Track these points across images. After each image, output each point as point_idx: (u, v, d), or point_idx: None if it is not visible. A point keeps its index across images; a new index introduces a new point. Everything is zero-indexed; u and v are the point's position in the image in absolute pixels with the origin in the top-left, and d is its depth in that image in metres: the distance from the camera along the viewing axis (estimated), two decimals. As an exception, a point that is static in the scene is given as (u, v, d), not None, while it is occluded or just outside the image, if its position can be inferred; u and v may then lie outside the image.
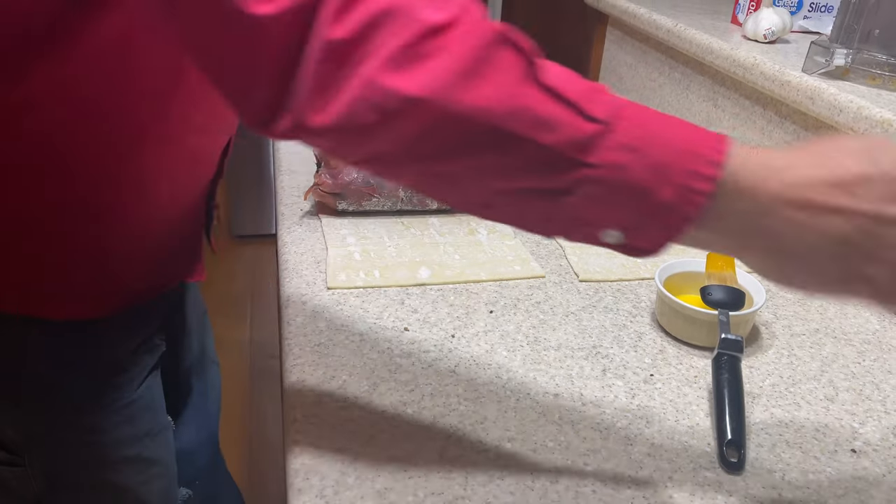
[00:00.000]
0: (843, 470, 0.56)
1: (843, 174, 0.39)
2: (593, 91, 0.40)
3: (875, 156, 0.39)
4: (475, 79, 0.38)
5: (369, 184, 0.87)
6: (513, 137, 0.39)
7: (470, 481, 0.53)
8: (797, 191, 0.39)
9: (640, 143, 0.39)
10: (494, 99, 0.38)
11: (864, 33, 0.86)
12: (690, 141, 0.40)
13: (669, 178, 0.39)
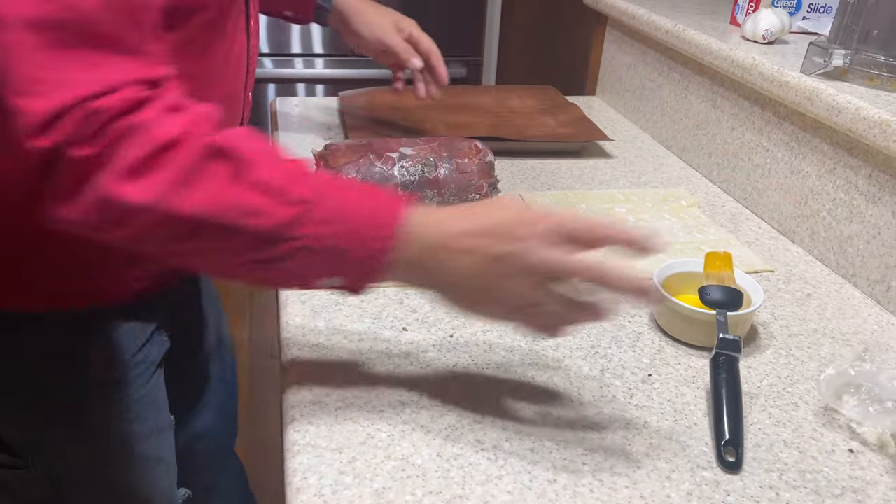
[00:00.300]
0: (841, 470, 0.57)
1: (476, 226, 0.52)
2: (299, 175, 0.52)
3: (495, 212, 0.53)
4: (188, 187, 0.48)
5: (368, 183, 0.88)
6: (228, 227, 0.49)
7: (468, 481, 0.53)
8: (449, 239, 0.52)
9: (336, 216, 0.51)
10: (205, 201, 0.49)
11: (863, 34, 0.86)
12: (378, 210, 0.52)
13: (361, 242, 0.51)
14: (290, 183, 0.50)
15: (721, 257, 0.73)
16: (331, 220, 0.51)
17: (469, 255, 0.51)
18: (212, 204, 0.49)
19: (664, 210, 0.97)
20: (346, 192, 0.52)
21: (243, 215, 0.49)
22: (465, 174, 0.90)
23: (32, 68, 0.46)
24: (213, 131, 0.51)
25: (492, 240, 0.51)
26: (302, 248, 0.50)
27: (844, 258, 0.84)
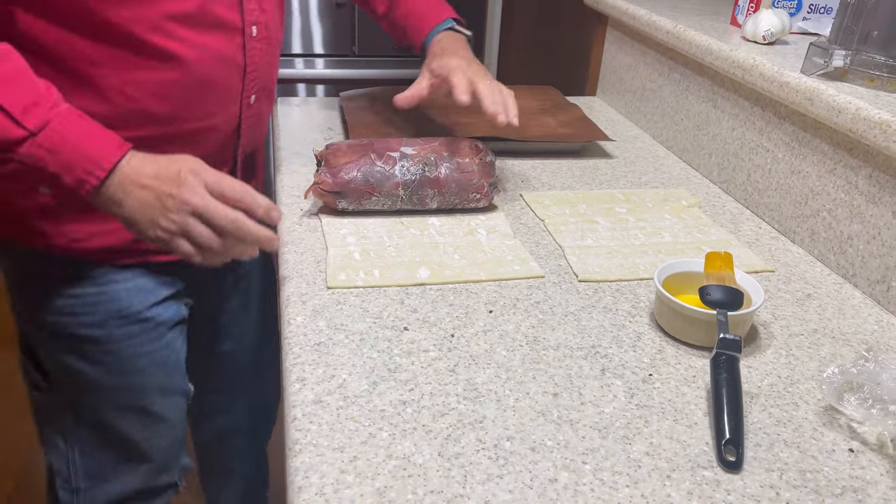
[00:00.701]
0: (841, 469, 0.57)
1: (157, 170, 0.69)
2: (33, 106, 0.65)
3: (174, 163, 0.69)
4: None
5: (369, 182, 0.88)
6: None
7: (469, 480, 0.53)
8: (135, 178, 0.68)
9: (54, 147, 0.65)
10: None
11: (863, 35, 0.86)
12: (96, 150, 0.67)
13: (71, 173, 0.66)
14: (25, 110, 0.64)
15: (721, 257, 0.73)
16: (53, 148, 0.65)
17: (146, 191, 0.68)
18: None
19: (665, 210, 0.97)
20: (74, 129, 0.67)
21: None
22: (466, 174, 0.90)
23: None
24: None
25: (164, 182, 0.68)
26: (20, 161, 0.65)
27: (845, 258, 0.85)
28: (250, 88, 0.85)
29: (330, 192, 0.88)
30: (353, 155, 0.89)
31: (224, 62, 0.80)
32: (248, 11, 0.80)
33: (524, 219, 0.94)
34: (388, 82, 2.29)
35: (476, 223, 0.91)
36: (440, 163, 0.90)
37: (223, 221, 0.68)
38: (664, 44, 1.19)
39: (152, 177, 0.69)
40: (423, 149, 0.91)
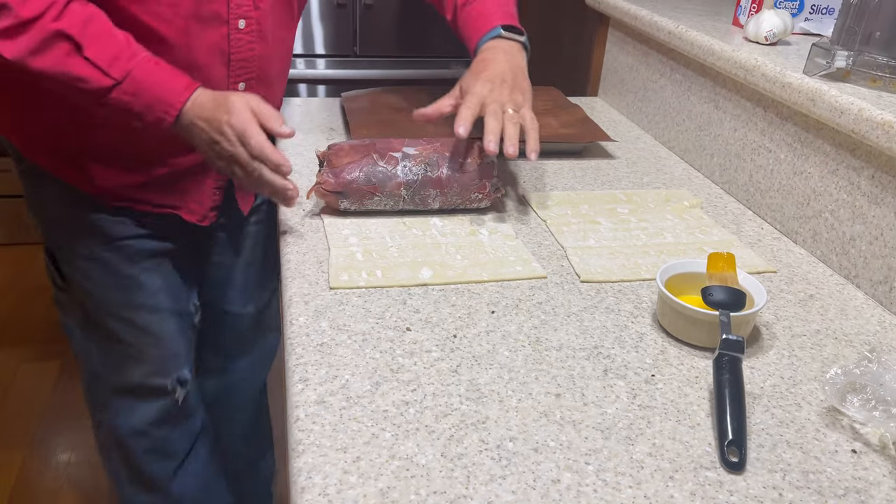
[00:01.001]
0: (844, 470, 0.57)
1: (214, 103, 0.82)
2: (115, 59, 0.79)
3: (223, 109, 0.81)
4: (38, 55, 0.77)
5: (371, 182, 0.88)
6: (66, 84, 0.80)
7: (472, 480, 0.53)
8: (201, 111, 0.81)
9: (135, 91, 0.80)
10: (50, 66, 0.78)
11: (865, 35, 0.86)
12: (166, 95, 0.81)
13: (150, 112, 0.81)
14: (110, 63, 0.79)
15: (724, 258, 0.73)
16: (133, 93, 0.80)
17: (205, 123, 0.82)
18: (53, 67, 0.78)
19: (666, 211, 0.97)
20: (151, 77, 0.81)
21: (75, 80, 0.79)
22: (468, 174, 0.90)
23: None
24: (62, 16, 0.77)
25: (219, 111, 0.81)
26: (113, 105, 0.81)
27: (847, 259, 0.85)
28: (236, 76, 0.93)
29: (332, 192, 0.88)
30: (356, 155, 0.89)
31: (207, 49, 0.89)
32: (236, 6, 0.89)
33: (526, 219, 0.94)
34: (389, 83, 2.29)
35: (478, 223, 0.91)
36: (442, 163, 0.90)
37: (253, 144, 0.80)
38: (666, 44, 1.19)
39: (211, 109, 0.82)
40: (424, 149, 0.91)
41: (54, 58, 0.78)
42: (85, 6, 0.80)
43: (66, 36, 0.78)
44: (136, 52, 0.81)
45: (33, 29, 0.76)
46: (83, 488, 1.68)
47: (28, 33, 0.76)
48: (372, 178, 0.88)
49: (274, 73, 0.99)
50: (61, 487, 1.68)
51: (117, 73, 0.79)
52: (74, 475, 1.71)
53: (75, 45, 0.78)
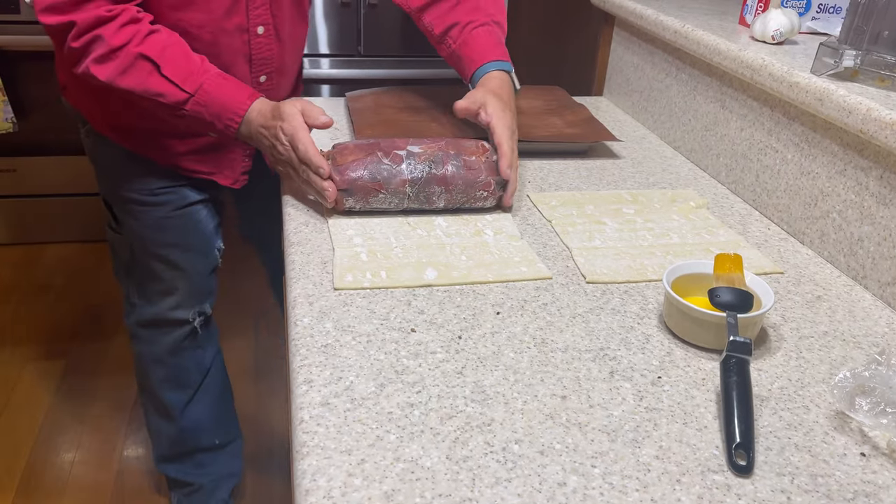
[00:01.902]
0: (853, 474, 0.56)
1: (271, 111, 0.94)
2: (189, 75, 0.94)
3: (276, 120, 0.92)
4: (125, 75, 0.94)
5: (376, 180, 0.87)
6: (148, 99, 0.95)
7: (477, 483, 0.53)
8: (260, 119, 0.94)
9: (206, 102, 0.95)
10: (135, 84, 0.94)
11: (874, 35, 0.86)
12: (231, 106, 0.95)
13: (219, 121, 0.96)
14: (184, 79, 0.94)
15: (731, 259, 0.73)
16: (204, 104, 0.95)
17: (264, 129, 0.94)
18: (138, 86, 0.94)
19: (672, 211, 0.97)
20: (219, 90, 0.95)
21: (155, 95, 0.94)
22: (473, 171, 0.90)
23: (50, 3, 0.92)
24: (144, 42, 0.93)
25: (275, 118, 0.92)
26: (188, 116, 0.96)
27: (855, 260, 0.84)
28: (258, 72, 1.11)
29: (338, 189, 0.88)
30: (361, 153, 0.89)
31: (233, 52, 1.06)
32: (255, 17, 1.05)
33: (531, 219, 0.94)
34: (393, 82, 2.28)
35: (483, 224, 0.90)
36: (447, 160, 0.90)
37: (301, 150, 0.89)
38: (672, 44, 1.19)
39: (269, 117, 0.93)
40: (429, 147, 0.91)
41: (138, 77, 0.93)
42: (165, 35, 0.95)
43: (146, 58, 0.93)
44: (207, 70, 0.95)
45: (121, 54, 0.92)
46: (87, 487, 1.68)
47: (117, 59, 0.93)
48: (377, 175, 0.87)
49: (289, 63, 1.17)
50: (66, 486, 1.68)
51: (190, 87, 0.94)
52: (79, 474, 1.71)
53: (155, 65, 0.93)
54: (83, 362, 2.08)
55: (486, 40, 1.07)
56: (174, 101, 0.94)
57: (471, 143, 0.93)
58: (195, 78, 0.94)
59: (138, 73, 0.93)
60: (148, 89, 0.94)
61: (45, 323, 2.24)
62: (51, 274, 2.50)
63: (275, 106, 0.93)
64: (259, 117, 0.94)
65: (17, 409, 1.90)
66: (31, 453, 1.76)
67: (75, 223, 2.67)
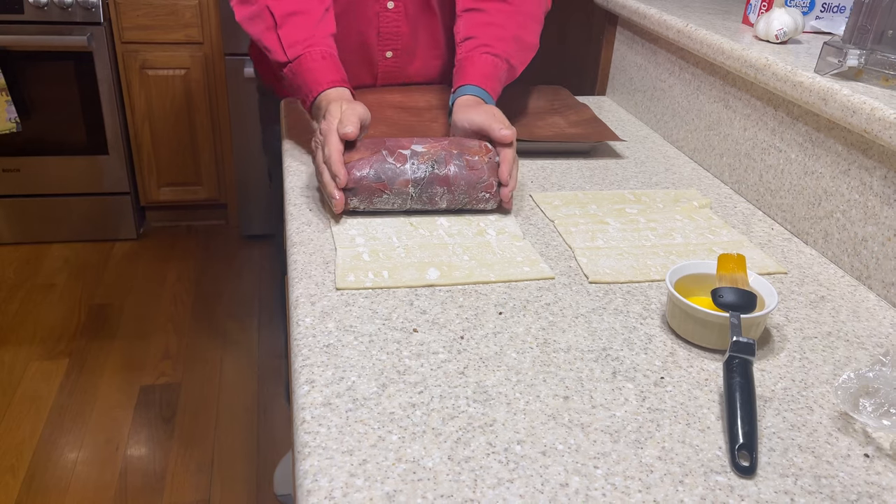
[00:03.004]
0: (856, 475, 0.56)
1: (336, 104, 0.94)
2: (296, 43, 1.01)
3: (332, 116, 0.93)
4: (252, 22, 1.06)
5: (380, 179, 0.87)
6: (260, 48, 1.07)
7: (479, 484, 0.53)
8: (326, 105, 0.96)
9: (297, 72, 1.01)
10: (255, 32, 1.06)
11: (878, 34, 0.85)
12: (313, 82, 1.00)
13: (300, 91, 1.02)
14: (290, 45, 1.01)
15: (734, 259, 0.73)
16: (296, 73, 1.02)
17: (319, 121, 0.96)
18: (256, 34, 1.05)
19: (676, 211, 0.97)
20: (312, 64, 1.01)
21: (266, 48, 1.05)
22: (475, 171, 0.90)
23: None
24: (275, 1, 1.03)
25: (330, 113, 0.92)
26: (284, 78, 1.04)
27: (859, 260, 0.84)
28: (384, 46, 1.22)
29: (343, 189, 0.88)
30: (366, 152, 0.89)
31: (364, 20, 1.18)
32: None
33: (534, 219, 0.93)
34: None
35: (485, 224, 0.90)
36: (449, 160, 0.89)
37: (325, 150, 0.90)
38: (675, 43, 1.18)
39: (324, 109, 0.95)
40: (433, 147, 0.91)
41: (259, 27, 1.05)
42: (299, 3, 1.04)
43: (271, 13, 1.03)
44: (315, 44, 1.02)
45: (257, 2, 1.04)
46: (91, 486, 1.68)
47: (252, 5, 1.05)
48: (381, 174, 0.87)
49: (420, 49, 1.25)
50: (69, 485, 1.68)
51: (292, 54, 1.01)
52: (82, 473, 1.72)
53: (275, 22, 1.03)
54: (87, 361, 2.09)
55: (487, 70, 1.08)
56: (275, 59, 1.03)
57: (474, 143, 0.93)
58: (300, 48, 1.01)
59: (260, 23, 1.04)
60: (262, 41, 1.04)
61: (48, 322, 2.24)
62: (54, 273, 2.50)
63: (335, 102, 0.96)
64: (326, 103, 0.97)
65: (20, 407, 1.90)
66: (34, 452, 1.76)
67: (79, 222, 2.68)
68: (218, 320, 2.32)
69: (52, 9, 2.33)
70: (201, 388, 2.01)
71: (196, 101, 2.60)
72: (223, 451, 1.81)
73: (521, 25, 1.11)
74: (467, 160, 0.90)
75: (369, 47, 1.21)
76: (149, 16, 2.44)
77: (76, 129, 2.52)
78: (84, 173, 2.59)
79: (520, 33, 1.11)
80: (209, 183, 2.75)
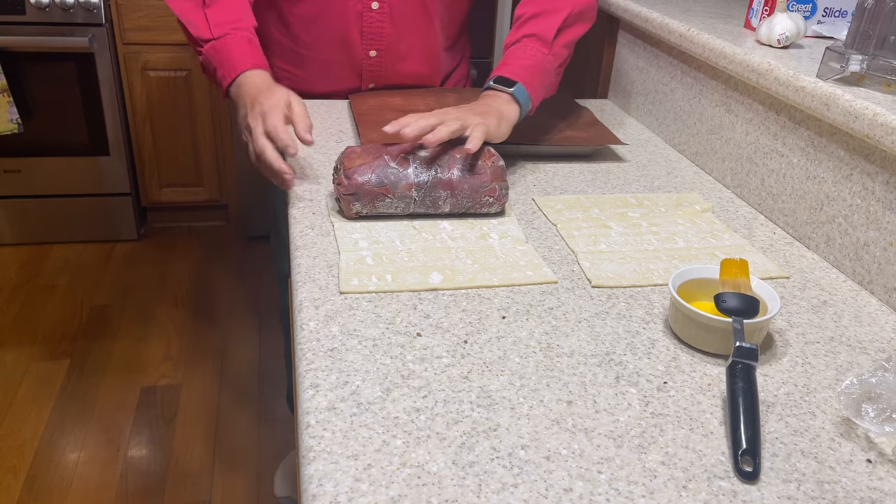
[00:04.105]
0: (859, 480, 0.56)
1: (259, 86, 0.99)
2: (222, 23, 1.02)
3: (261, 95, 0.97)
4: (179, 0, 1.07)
5: (382, 184, 0.88)
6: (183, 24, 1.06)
7: (483, 489, 0.53)
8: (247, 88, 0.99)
9: (216, 54, 1.02)
10: (179, 9, 1.06)
11: (880, 39, 0.85)
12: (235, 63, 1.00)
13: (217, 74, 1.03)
14: (217, 24, 1.01)
15: (737, 264, 0.73)
16: (218, 50, 1.01)
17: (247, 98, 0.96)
18: (180, 9, 1.05)
19: (678, 215, 0.97)
20: (236, 46, 1.01)
21: (188, 22, 1.04)
22: (479, 175, 0.90)
23: None
24: None
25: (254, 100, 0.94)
26: (202, 55, 1.04)
27: (861, 265, 0.84)
28: (367, 45, 1.22)
29: (346, 194, 0.88)
30: (368, 157, 0.89)
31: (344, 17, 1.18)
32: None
33: (536, 223, 0.94)
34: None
35: (488, 228, 0.90)
36: (452, 164, 0.90)
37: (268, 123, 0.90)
38: (677, 47, 1.19)
39: (259, 90, 0.95)
40: (436, 151, 0.91)
41: (186, 5, 1.04)
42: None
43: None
44: (241, 28, 1.02)
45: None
46: (92, 487, 1.68)
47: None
48: (384, 179, 0.88)
49: (405, 50, 1.24)
50: (70, 486, 1.68)
51: (217, 32, 1.02)
52: (83, 474, 1.72)
53: (203, 1, 1.04)
54: (88, 362, 2.09)
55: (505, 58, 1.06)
56: (198, 35, 1.03)
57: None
58: (227, 27, 1.02)
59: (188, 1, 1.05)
60: (185, 15, 1.04)
61: (49, 323, 2.24)
62: (55, 274, 2.50)
63: (272, 84, 0.97)
64: (249, 87, 0.97)
65: (21, 408, 1.90)
66: (35, 453, 1.76)
67: (80, 223, 2.68)
68: (219, 321, 2.32)
69: (54, 10, 2.34)
70: (202, 390, 2.01)
71: (197, 102, 2.60)
72: (224, 452, 1.81)
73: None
74: (470, 164, 0.90)
75: (351, 46, 1.21)
76: (150, 17, 2.44)
77: (77, 130, 2.52)
78: (85, 174, 2.60)
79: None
80: (210, 184, 2.76)
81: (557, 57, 1.08)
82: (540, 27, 1.07)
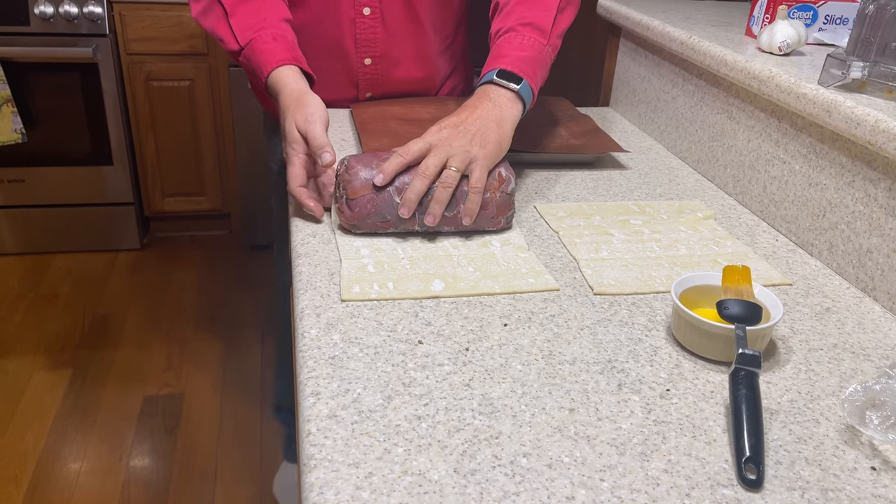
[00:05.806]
0: (863, 488, 0.56)
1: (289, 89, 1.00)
2: (247, 29, 1.03)
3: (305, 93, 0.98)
4: (205, 15, 1.09)
5: (386, 220, 0.86)
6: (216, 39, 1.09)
7: (485, 497, 0.53)
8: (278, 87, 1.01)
9: (251, 57, 1.03)
10: (209, 25, 1.09)
11: (881, 46, 0.86)
12: (265, 62, 1.01)
13: (254, 75, 1.03)
14: (241, 32, 1.04)
15: (739, 271, 0.73)
16: (249, 58, 1.03)
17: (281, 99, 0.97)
18: (211, 27, 1.08)
19: (680, 222, 0.97)
20: (263, 45, 1.02)
21: (220, 39, 1.07)
22: (485, 211, 0.88)
23: None
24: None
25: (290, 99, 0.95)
26: (244, 65, 1.06)
27: (864, 272, 0.84)
28: (362, 52, 1.23)
29: (348, 222, 0.87)
30: (370, 190, 0.85)
31: (338, 25, 1.19)
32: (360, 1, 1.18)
33: (538, 231, 0.94)
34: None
35: (490, 235, 0.90)
36: (460, 199, 0.86)
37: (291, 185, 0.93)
38: (678, 55, 1.19)
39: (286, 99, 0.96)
40: None
41: (212, 20, 1.07)
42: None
43: (221, 4, 1.06)
44: (266, 28, 1.03)
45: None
46: (94, 497, 1.68)
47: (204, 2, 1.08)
48: (387, 215, 0.86)
49: (399, 55, 1.25)
50: (72, 496, 1.68)
51: (243, 39, 1.03)
52: (85, 484, 1.71)
53: (225, 12, 1.05)
54: (90, 371, 2.09)
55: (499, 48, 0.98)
56: (230, 49, 1.05)
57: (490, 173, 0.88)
58: (251, 33, 1.02)
59: (213, 15, 1.06)
60: (216, 33, 1.07)
61: (52, 332, 2.24)
62: (58, 283, 2.51)
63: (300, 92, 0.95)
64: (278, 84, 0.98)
65: (24, 418, 1.90)
66: (37, 463, 1.76)
67: (83, 233, 2.68)
68: (221, 330, 2.32)
69: (58, 21, 2.35)
70: (204, 399, 2.01)
71: (200, 111, 2.61)
72: (226, 461, 1.81)
73: None
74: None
75: (347, 53, 1.22)
76: (154, 27, 2.45)
77: (81, 140, 2.53)
78: (88, 184, 2.60)
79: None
80: (213, 193, 2.76)
81: (554, 49, 1.01)
82: (535, 14, 0.99)
